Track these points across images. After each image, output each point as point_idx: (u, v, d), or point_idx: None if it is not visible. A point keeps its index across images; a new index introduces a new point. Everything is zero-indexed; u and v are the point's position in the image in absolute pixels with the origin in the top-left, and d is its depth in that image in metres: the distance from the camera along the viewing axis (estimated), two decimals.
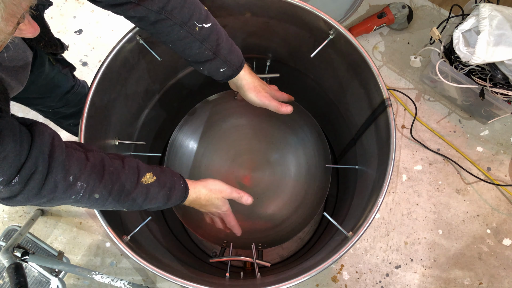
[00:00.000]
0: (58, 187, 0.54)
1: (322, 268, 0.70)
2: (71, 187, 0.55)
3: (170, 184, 0.66)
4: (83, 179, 0.56)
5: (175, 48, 0.70)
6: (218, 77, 0.75)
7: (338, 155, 1.22)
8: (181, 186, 0.68)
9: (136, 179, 0.61)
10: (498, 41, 1.05)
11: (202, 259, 1.14)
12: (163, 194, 0.65)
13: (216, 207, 0.78)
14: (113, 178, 0.59)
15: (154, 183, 0.63)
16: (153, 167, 0.66)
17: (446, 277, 1.29)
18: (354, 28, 1.43)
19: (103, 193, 0.58)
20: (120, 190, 0.60)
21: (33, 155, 0.51)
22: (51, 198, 0.55)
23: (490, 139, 1.40)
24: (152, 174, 0.63)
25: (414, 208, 1.34)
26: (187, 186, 0.70)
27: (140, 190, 0.62)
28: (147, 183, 0.62)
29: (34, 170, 0.52)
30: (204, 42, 0.69)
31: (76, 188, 0.56)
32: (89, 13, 1.51)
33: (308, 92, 1.11)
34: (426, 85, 1.43)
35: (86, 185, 0.56)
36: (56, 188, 0.54)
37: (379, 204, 0.73)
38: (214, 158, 1.07)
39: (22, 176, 0.51)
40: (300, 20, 0.83)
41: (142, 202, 0.63)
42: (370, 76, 0.80)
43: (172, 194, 0.66)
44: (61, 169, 0.54)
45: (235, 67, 0.74)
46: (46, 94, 0.92)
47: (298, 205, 1.05)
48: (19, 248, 0.94)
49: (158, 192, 0.64)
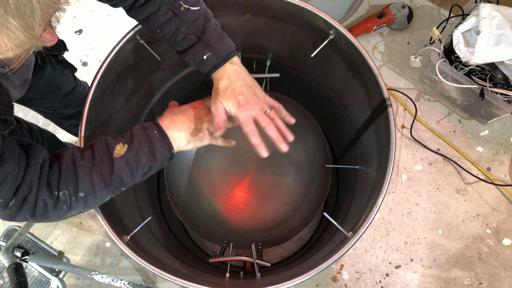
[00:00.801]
0: (48, 205, 0.54)
1: (322, 268, 0.70)
2: (58, 200, 0.55)
3: (145, 141, 0.60)
4: (62, 186, 0.55)
5: (163, 35, 0.67)
6: (204, 67, 0.67)
7: (338, 155, 1.22)
8: (157, 135, 0.61)
9: (109, 158, 0.58)
10: (498, 41, 1.05)
11: (202, 259, 1.14)
12: (144, 154, 0.59)
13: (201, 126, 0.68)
14: (87, 170, 0.56)
15: (128, 151, 0.58)
16: (123, 135, 0.61)
17: (446, 277, 1.29)
18: (354, 28, 1.43)
19: (86, 189, 0.56)
20: (100, 177, 0.57)
21: (27, 177, 0.52)
22: (46, 217, 0.55)
23: (490, 139, 1.40)
24: (122, 144, 0.59)
25: (414, 208, 1.34)
26: (163, 132, 0.62)
27: (119, 165, 0.58)
28: (121, 154, 0.58)
29: (28, 192, 0.52)
30: (190, 25, 0.65)
31: (62, 199, 0.55)
32: (89, 13, 1.51)
33: (308, 92, 1.11)
34: (426, 85, 1.43)
35: (67, 191, 0.55)
36: (46, 206, 0.54)
37: (379, 204, 0.73)
38: (214, 158, 1.07)
39: (17, 199, 0.51)
40: (300, 20, 0.83)
41: (131, 175, 0.59)
42: (370, 76, 0.80)
43: (154, 150, 0.60)
44: (45, 187, 0.54)
45: (220, 55, 0.66)
46: (47, 95, 0.92)
47: (298, 205, 1.05)
48: (19, 248, 0.94)
49: (138, 156, 0.59)
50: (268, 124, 0.65)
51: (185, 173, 1.06)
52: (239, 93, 0.64)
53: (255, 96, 0.65)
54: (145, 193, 1.08)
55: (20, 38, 0.38)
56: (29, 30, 0.39)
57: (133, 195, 0.96)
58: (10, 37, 0.38)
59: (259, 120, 0.65)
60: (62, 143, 1.17)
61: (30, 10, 0.38)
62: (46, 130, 1.09)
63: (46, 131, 1.09)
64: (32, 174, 0.52)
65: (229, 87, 0.65)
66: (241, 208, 1.05)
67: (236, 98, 0.64)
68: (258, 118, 0.65)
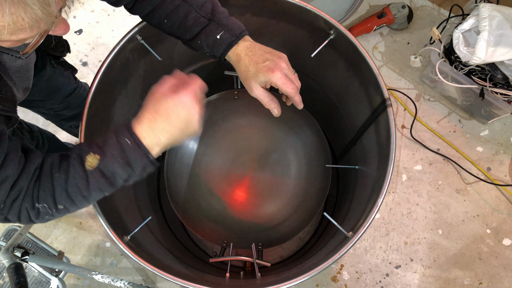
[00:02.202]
0: (30, 215, 0.54)
1: (322, 268, 0.70)
2: (39, 212, 0.54)
3: (117, 153, 0.52)
4: (41, 199, 0.53)
5: (172, 24, 0.65)
6: (218, 49, 0.64)
7: (338, 155, 1.22)
8: (131, 145, 0.53)
9: (83, 171, 0.52)
10: (498, 41, 1.05)
11: (202, 259, 1.14)
12: (119, 166, 0.53)
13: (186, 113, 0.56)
14: (62, 183, 0.52)
15: (101, 162, 0.52)
16: (98, 142, 0.54)
17: (446, 277, 1.29)
18: (354, 28, 1.43)
19: (65, 202, 0.53)
20: (76, 190, 0.53)
21: (19, 183, 0.51)
22: (31, 222, 0.55)
23: (490, 139, 1.40)
24: (94, 154, 0.52)
25: (414, 208, 1.34)
26: (138, 140, 0.53)
27: (94, 178, 0.53)
28: (94, 166, 0.52)
29: (15, 198, 0.51)
30: (198, 9, 0.64)
31: (42, 211, 0.53)
32: (89, 13, 1.51)
33: (308, 92, 1.11)
34: (426, 85, 1.43)
35: (46, 204, 0.53)
36: (29, 215, 0.54)
37: (379, 204, 0.73)
38: (214, 158, 1.07)
39: (7, 202, 0.51)
40: (300, 20, 0.83)
41: (109, 185, 0.54)
42: (370, 76, 0.80)
43: (129, 160, 0.53)
44: (29, 198, 0.53)
45: (234, 32, 0.64)
46: (48, 96, 0.92)
47: (298, 205, 1.05)
48: (19, 248, 0.94)
49: (112, 167, 0.53)
50: (296, 79, 0.66)
51: (185, 173, 1.06)
52: (264, 60, 0.63)
53: (279, 57, 0.64)
54: (145, 193, 1.08)
55: (37, 13, 0.38)
56: (46, 6, 0.38)
57: (133, 195, 0.96)
58: (27, 11, 0.37)
59: (288, 76, 0.64)
60: (62, 144, 1.17)
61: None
62: (46, 130, 1.09)
63: (46, 132, 1.09)
64: (24, 181, 0.51)
65: (251, 63, 0.63)
66: (241, 208, 1.05)
67: (263, 67, 0.62)
68: (289, 75, 0.64)
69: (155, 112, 0.54)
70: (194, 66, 1.03)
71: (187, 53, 0.97)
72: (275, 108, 0.67)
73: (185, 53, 0.96)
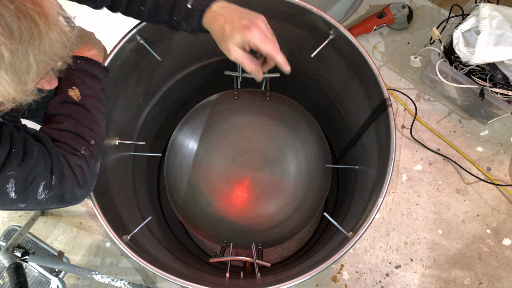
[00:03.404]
0: (82, 167, 0.60)
1: (322, 268, 0.70)
2: (84, 157, 0.60)
3: (81, 74, 0.65)
4: (77, 146, 0.61)
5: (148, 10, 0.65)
6: (193, 19, 0.62)
7: (338, 155, 1.22)
8: (83, 62, 0.67)
9: (77, 103, 0.63)
10: (498, 41, 1.05)
11: (202, 259, 1.14)
12: (91, 80, 0.66)
13: None
14: (74, 126, 0.62)
15: (80, 88, 0.64)
16: (60, 84, 0.64)
17: (446, 277, 1.29)
18: (354, 28, 1.43)
19: (92, 134, 0.64)
20: (89, 119, 0.64)
21: (52, 151, 0.57)
22: (85, 181, 0.61)
23: (490, 139, 1.40)
24: (71, 88, 0.63)
25: (414, 208, 1.34)
26: (84, 57, 0.67)
27: (89, 103, 0.64)
28: (79, 96, 0.63)
29: (60, 163, 0.57)
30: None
31: (86, 154, 0.61)
32: (89, 13, 1.51)
33: (308, 92, 1.11)
34: (426, 85, 1.43)
35: (84, 146, 0.61)
36: (81, 168, 0.60)
37: (379, 204, 0.73)
38: (214, 158, 1.07)
39: (56, 175, 0.56)
40: (300, 20, 0.83)
41: (99, 97, 0.66)
42: (370, 76, 0.80)
43: (93, 73, 0.66)
44: (69, 154, 0.59)
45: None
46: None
47: (298, 205, 1.05)
48: (19, 248, 0.94)
49: (89, 85, 0.65)
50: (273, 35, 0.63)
51: (185, 173, 1.06)
52: (240, 18, 0.59)
53: (256, 17, 0.61)
54: (145, 193, 1.08)
55: (9, 92, 0.38)
56: (21, 85, 0.38)
57: (133, 195, 0.97)
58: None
59: (267, 35, 0.61)
60: None
61: (26, 66, 0.37)
62: None
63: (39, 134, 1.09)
64: (53, 148, 0.56)
65: (226, 23, 0.59)
66: (241, 208, 1.05)
67: (240, 26, 0.58)
68: (268, 34, 0.61)
69: (83, 41, 0.71)
70: (194, 66, 1.03)
71: (187, 53, 0.97)
72: (257, 70, 0.63)
73: (185, 53, 0.96)
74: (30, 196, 0.52)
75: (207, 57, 1.01)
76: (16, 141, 0.51)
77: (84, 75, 0.65)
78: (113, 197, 0.82)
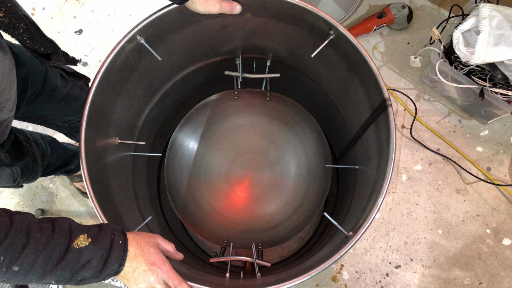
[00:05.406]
0: None
1: (322, 268, 0.70)
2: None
3: (107, 244, 0.55)
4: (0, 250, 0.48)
5: None
6: None
7: (338, 155, 1.22)
8: (120, 246, 0.56)
9: (67, 243, 0.52)
10: (498, 41, 1.05)
11: (202, 259, 1.14)
12: (99, 258, 0.54)
13: None
14: (39, 245, 0.50)
15: (88, 246, 0.54)
16: (91, 227, 0.56)
17: (446, 277, 1.29)
18: (354, 28, 1.43)
19: (25, 265, 0.49)
20: (46, 260, 0.50)
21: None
22: None
23: (490, 139, 1.40)
24: (87, 236, 0.54)
25: (414, 208, 1.34)
26: (127, 246, 0.57)
27: (71, 256, 0.52)
28: (80, 247, 0.53)
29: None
30: None
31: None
32: (89, 13, 1.51)
33: (308, 92, 1.11)
34: (426, 85, 1.43)
35: (2, 258, 0.48)
36: None
37: (379, 204, 0.73)
38: (214, 158, 1.07)
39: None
40: (300, 20, 0.83)
41: (73, 271, 0.53)
42: (370, 76, 0.80)
43: (109, 256, 0.55)
44: None
45: None
46: (64, 108, 0.91)
47: (298, 205, 1.06)
48: None
49: (93, 255, 0.54)
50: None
51: (185, 173, 1.06)
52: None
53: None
54: (145, 193, 1.08)
55: None
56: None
57: (133, 195, 0.97)
58: None
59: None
60: (63, 146, 1.17)
61: None
62: (46, 135, 1.09)
63: (47, 137, 1.09)
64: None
65: None
66: (241, 208, 1.05)
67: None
68: None
69: (141, 251, 0.59)
70: (194, 66, 1.03)
71: (187, 53, 0.97)
72: (235, 4, 0.71)
73: (185, 53, 0.96)
74: None
75: (207, 57, 1.01)
76: None
77: (105, 249, 0.55)
78: (113, 197, 0.82)
